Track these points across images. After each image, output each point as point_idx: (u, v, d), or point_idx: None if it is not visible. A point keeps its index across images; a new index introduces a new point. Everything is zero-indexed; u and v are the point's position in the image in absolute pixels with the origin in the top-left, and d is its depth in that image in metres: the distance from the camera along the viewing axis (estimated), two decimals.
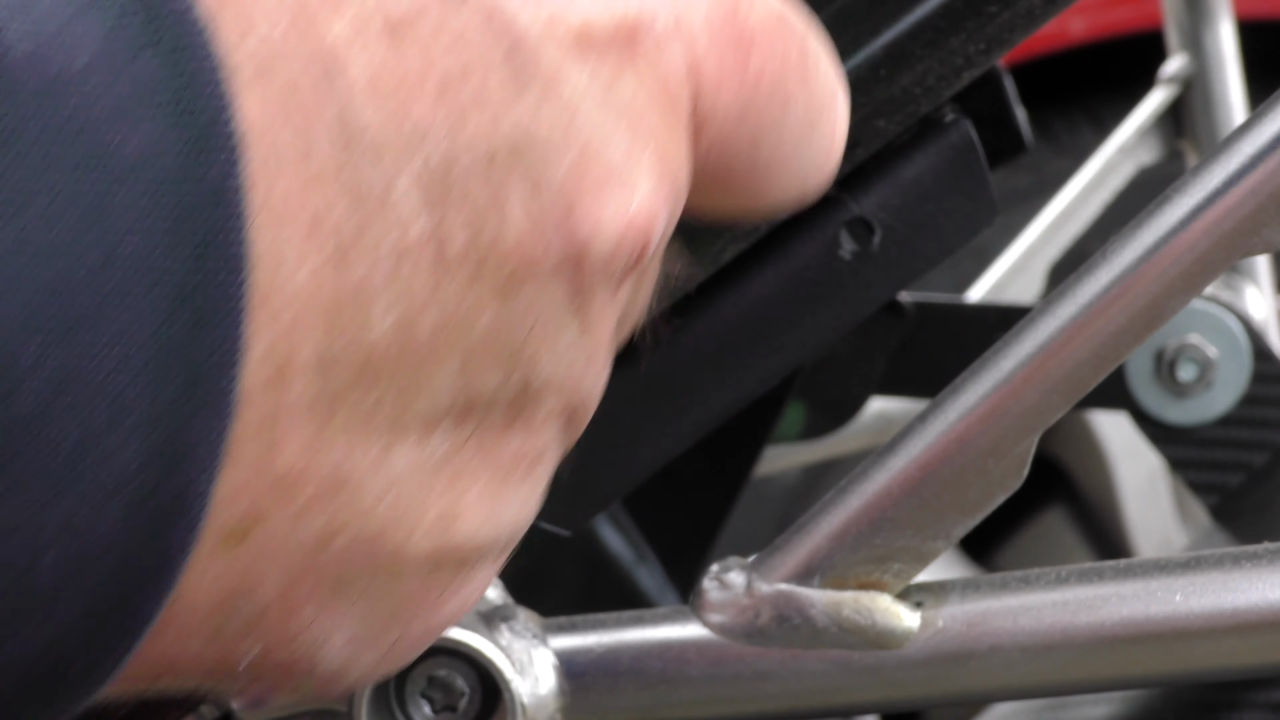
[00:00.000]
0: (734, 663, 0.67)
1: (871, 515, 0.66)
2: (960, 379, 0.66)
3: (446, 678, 0.67)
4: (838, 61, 0.67)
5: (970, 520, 0.66)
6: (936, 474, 0.65)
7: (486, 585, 0.46)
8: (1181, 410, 1.03)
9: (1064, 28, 2.16)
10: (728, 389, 0.71)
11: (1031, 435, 0.65)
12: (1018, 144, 0.91)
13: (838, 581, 0.66)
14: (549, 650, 0.67)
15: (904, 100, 0.67)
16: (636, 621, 0.68)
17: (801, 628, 0.66)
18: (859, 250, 0.71)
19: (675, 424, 0.72)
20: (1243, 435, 1.03)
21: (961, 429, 0.65)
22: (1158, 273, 0.64)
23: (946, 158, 0.70)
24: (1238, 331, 1.03)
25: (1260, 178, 0.63)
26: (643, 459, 0.72)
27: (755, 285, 0.71)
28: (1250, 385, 1.03)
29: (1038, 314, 0.65)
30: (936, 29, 0.67)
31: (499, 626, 0.67)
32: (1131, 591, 0.66)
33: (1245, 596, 0.65)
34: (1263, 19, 2.17)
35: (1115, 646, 0.66)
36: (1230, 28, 1.37)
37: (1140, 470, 2.12)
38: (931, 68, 0.67)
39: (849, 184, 0.70)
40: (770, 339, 0.71)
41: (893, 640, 0.66)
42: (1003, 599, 0.67)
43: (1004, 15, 0.67)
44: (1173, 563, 0.67)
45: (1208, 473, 1.03)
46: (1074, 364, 0.64)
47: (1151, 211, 0.64)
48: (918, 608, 0.67)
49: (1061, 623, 0.66)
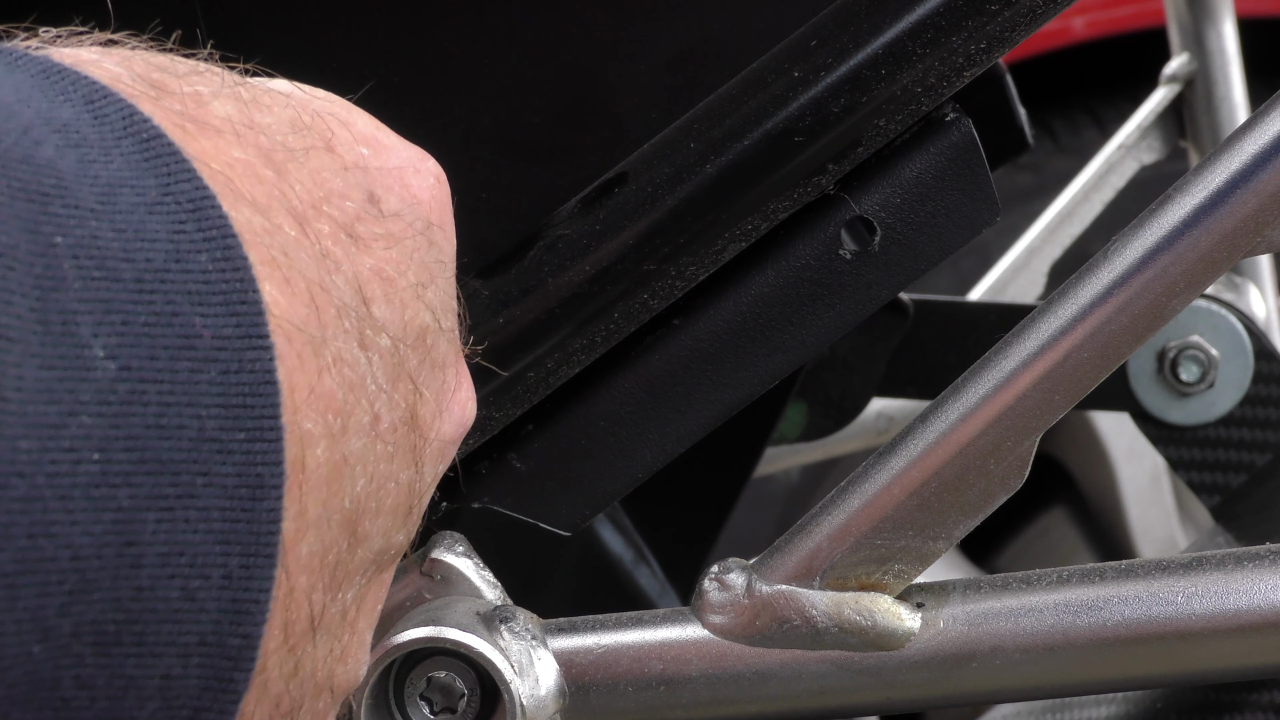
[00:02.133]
0: (734, 664, 0.67)
1: (872, 516, 0.66)
2: (961, 379, 0.66)
3: (446, 679, 0.66)
4: (840, 61, 0.67)
5: (971, 521, 0.66)
6: (937, 474, 0.65)
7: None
8: (1183, 410, 1.03)
9: (1066, 26, 2.16)
10: (728, 389, 0.71)
11: (1033, 435, 0.65)
12: (1020, 143, 0.91)
13: (838, 582, 0.66)
14: (549, 651, 0.67)
15: (905, 99, 0.67)
16: (636, 622, 0.68)
17: (802, 629, 0.66)
18: (860, 250, 0.70)
19: (676, 424, 0.72)
20: (1245, 435, 1.03)
21: (962, 429, 0.65)
22: (1159, 272, 0.64)
23: (948, 157, 0.70)
24: (1240, 332, 1.03)
25: (1262, 177, 0.63)
26: (643, 460, 0.72)
27: (755, 285, 0.71)
28: (1252, 385, 1.03)
29: (1039, 314, 0.65)
30: (937, 28, 0.67)
31: (499, 628, 0.67)
32: (1133, 592, 0.66)
33: (1247, 598, 0.65)
34: (1264, 17, 2.17)
35: (1117, 647, 0.66)
36: (1232, 27, 1.37)
37: (1142, 471, 2.12)
38: (932, 66, 0.67)
39: (850, 183, 0.70)
40: (771, 339, 0.71)
41: (894, 641, 0.66)
42: (1004, 600, 0.67)
43: (1005, 14, 0.67)
44: (1174, 564, 0.66)
45: (1209, 473, 1.03)
46: (1075, 364, 0.64)
47: (1153, 211, 0.64)
48: (919, 609, 0.67)
49: (1063, 624, 0.66)
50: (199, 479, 0.42)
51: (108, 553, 0.40)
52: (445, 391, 0.50)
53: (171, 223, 0.42)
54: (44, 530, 0.39)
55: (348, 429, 0.46)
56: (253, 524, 0.43)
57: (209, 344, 0.42)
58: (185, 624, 0.42)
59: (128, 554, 0.40)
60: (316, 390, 0.44)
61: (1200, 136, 1.36)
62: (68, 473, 0.39)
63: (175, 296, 0.42)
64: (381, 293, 0.48)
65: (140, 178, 0.42)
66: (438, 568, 0.67)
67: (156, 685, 0.42)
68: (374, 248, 0.48)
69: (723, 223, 0.68)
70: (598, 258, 0.67)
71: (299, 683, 0.47)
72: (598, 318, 0.68)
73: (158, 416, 0.41)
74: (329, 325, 0.45)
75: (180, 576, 0.41)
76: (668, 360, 0.71)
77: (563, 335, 0.68)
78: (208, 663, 0.43)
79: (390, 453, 0.48)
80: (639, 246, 0.67)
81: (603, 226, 0.67)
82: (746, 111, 0.67)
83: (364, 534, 0.48)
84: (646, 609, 0.69)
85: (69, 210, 0.41)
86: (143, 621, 0.41)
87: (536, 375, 0.68)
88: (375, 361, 0.47)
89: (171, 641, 0.42)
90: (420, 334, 0.49)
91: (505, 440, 0.71)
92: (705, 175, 0.67)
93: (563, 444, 0.72)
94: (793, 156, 0.67)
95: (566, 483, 0.72)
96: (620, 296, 0.68)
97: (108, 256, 0.41)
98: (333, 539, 0.46)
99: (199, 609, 0.42)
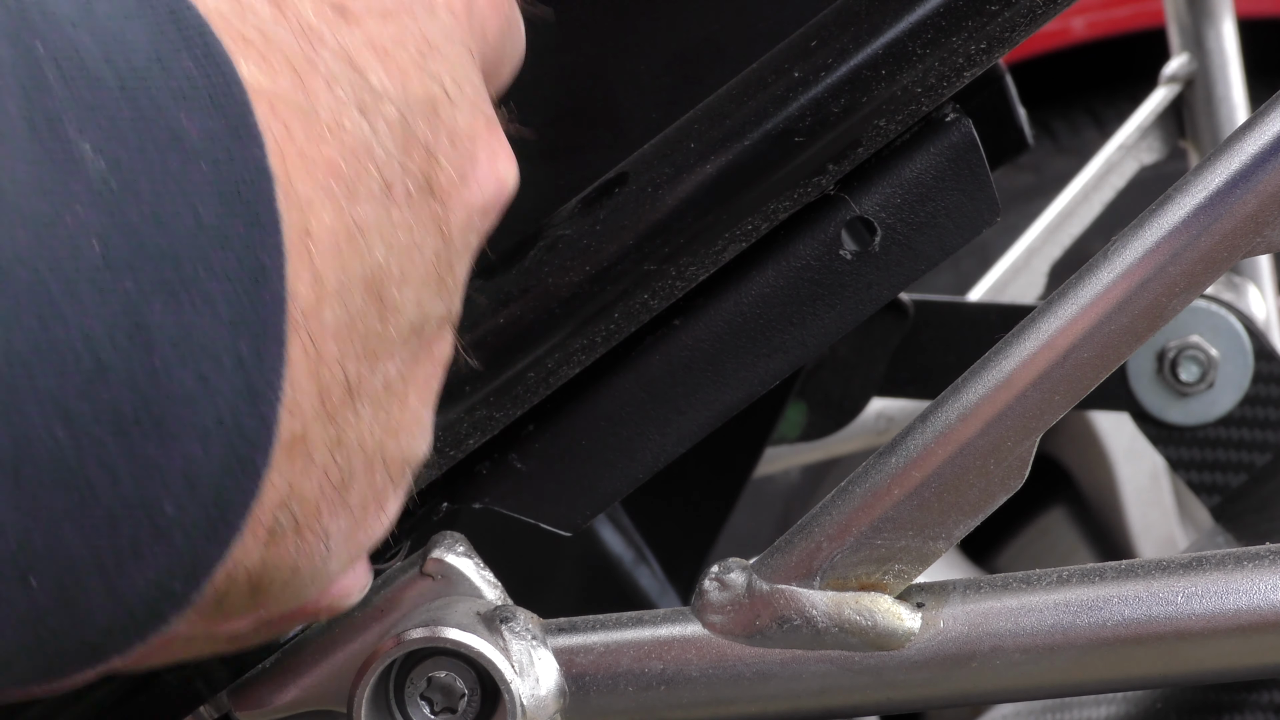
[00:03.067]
0: (734, 664, 0.67)
1: (872, 516, 0.66)
2: (961, 379, 0.66)
3: (446, 679, 0.66)
4: (841, 61, 0.67)
5: (971, 521, 0.66)
6: (937, 474, 0.65)
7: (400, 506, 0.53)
8: (1183, 410, 1.03)
9: (1066, 26, 2.16)
10: (728, 389, 0.71)
11: (1033, 435, 0.65)
12: (1020, 143, 0.91)
13: (838, 582, 0.66)
14: (549, 651, 0.67)
15: (905, 99, 0.67)
16: (636, 622, 0.68)
17: (802, 628, 0.66)
18: (860, 250, 0.70)
19: (676, 425, 0.72)
20: (1244, 435, 1.03)
21: (962, 429, 0.65)
22: (1159, 272, 0.64)
23: (948, 157, 0.70)
24: (1240, 332, 1.03)
25: (1262, 177, 0.63)
26: (643, 460, 0.72)
27: (755, 285, 0.71)
28: (1252, 385, 1.03)
29: (1039, 314, 0.65)
30: (937, 28, 0.67)
31: (499, 628, 0.67)
32: (1133, 592, 0.66)
33: (1247, 598, 0.65)
34: (1265, 17, 2.17)
35: (1117, 647, 0.66)
36: (1232, 26, 1.37)
37: (1142, 471, 2.12)
38: (932, 67, 0.67)
39: (850, 184, 0.70)
40: (771, 339, 0.71)
41: (894, 641, 0.66)
42: (1004, 600, 0.67)
43: (1005, 14, 0.67)
44: (1174, 564, 0.66)
45: (1209, 473, 1.03)
46: (1075, 364, 0.64)
47: (1153, 211, 0.64)
48: (919, 608, 0.67)
49: (1063, 624, 0.66)
50: (200, 266, 0.43)
51: (119, 335, 0.41)
52: (469, 161, 0.51)
53: (151, 28, 0.43)
54: (53, 314, 0.40)
55: (356, 195, 0.47)
56: (258, 309, 0.44)
57: (197, 140, 0.43)
58: (201, 407, 0.43)
59: (139, 338, 0.42)
60: (312, 157, 0.45)
61: (1200, 136, 1.36)
62: (69, 261, 0.41)
63: (159, 97, 0.43)
64: (378, 63, 0.48)
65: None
66: (438, 568, 0.67)
67: (179, 468, 0.43)
68: (365, 21, 0.48)
69: (723, 223, 0.68)
70: (598, 258, 0.67)
71: (345, 453, 0.48)
72: (598, 318, 0.68)
73: (153, 207, 0.42)
74: (318, 95, 0.46)
75: (192, 361, 0.43)
76: (668, 360, 0.71)
77: (563, 335, 0.68)
78: (226, 445, 0.44)
79: (409, 222, 0.49)
80: (639, 246, 0.67)
81: (603, 226, 0.67)
82: (746, 111, 0.67)
83: (394, 304, 0.48)
84: (646, 609, 0.69)
85: (47, 20, 0.41)
86: (160, 405, 0.42)
87: (536, 375, 0.68)
88: (381, 129, 0.48)
89: (189, 424, 0.43)
90: (429, 103, 0.50)
91: (505, 440, 0.71)
92: (705, 175, 0.67)
93: (563, 444, 0.72)
94: (793, 156, 0.67)
95: (567, 483, 0.72)
96: (620, 296, 0.68)
97: (89, 62, 0.42)
98: (359, 308, 0.47)
99: (213, 392, 0.43)
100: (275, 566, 0.48)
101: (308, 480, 0.47)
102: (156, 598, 0.45)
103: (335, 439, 0.48)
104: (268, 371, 0.45)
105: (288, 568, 0.48)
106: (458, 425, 0.68)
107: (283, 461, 0.46)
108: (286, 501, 0.47)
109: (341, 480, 0.48)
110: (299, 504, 0.47)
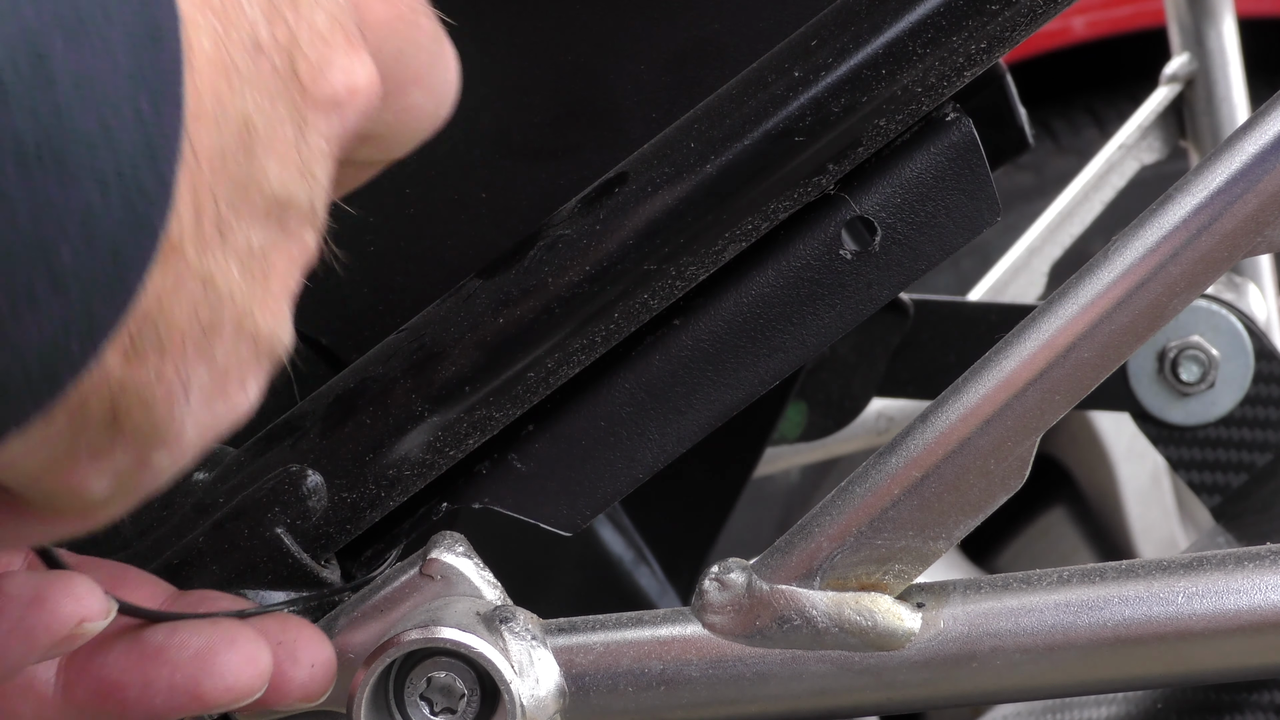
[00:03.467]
0: (734, 664, 0.67)
1: (872, 516, 0.66)
2: (961, 379, 0.66)
3: (446, 679, 0.66)
4: (840, 61, 0.67)
5: (972, 521, 0.66)
6: (938, 474, 0.65)
7: (259, 391, 0.52)
8: (1183, 410, 1.03)
9: (1066, 26, 2.16)
10: (729, 389, 0.71)
11: (1033, 435, 0.65)
12: (1020, 143, 0.91)
13: (839, 582, 0.66)
14: (549, 651, 0.67)
15: (905, 99, 0.67)
16: (636, 622, 0.68)
17: (802, 628, 0.66)
18: (860, 250, 0.70)
19: (676, 425, 0.72)
20: (1245, 435, 1.03)
21: (962, 429, 0.65)
22: (1160, 272, 0.64)
23: (948, 157, 0.70)
24: (1240, 331, 1.03)
25: (1262, 177, 0.63)
26: (643, 460, 0.72)
27: (756, 285, 0.71)
28: (1252, 385, 1.03)
29: (1039, 314, 0.65)
30: (937, 28, 0.67)
31: (498, 628, 0.67)
32: (1133, 593, 0.66)
33: (1247, 598, 0.65)
34: (1265, 17, 2.17)
35: (1117, 647, 0.66)
36: (1232, 26, 1.37)
37: (1142, 471, 2.12)
38: (933, 66, 0.67)
39: (850, 183, 0.70)
40: (771, 339, 0.71)
41: (894, 641, 0.66)
42: (1004, 600, 0.67)
43: (1005, 14, 0.67)
44: (1175, 564, 0.66)
45: (1210, 473, 1.03)
46: (1076, 364, 0.64)
47: (1153, 211, 0.64)
48: (919, 609, 0.67)
49: (1063, 624, 0.66)
50: (99, 10, 0.44)
51: (20, 60, 0.42)
52: (326, 59, 0.51)
53: None
54: None
55: (229, 35, 0.48)
56: (157, 66, 0.45)
57: None
58: (101, 155, 0.44)
59: (40, 69, 0.42)
60: None
61: (1200, 136, 1.36)
62: None
63: None
64: None
65: None
66: (438, 568, 0.67)
67: (78, 213, 0.44)
68: None
69: (723, 223, 0.68)
70: (598, 258, 0.67)
71: (215, 296, 0.48)
72: (598, 318, 0.68)
73: None
74: None
75: (94, 105, 0.43)
76: (668, 360, 0.71)
77: (563, 335, 0.68)
78: (124, 199, 0.44)
79: (273, 91, 0.49)
80: (639, 246, 0.67)
81: (603, 226, 0.67)
82: (746, 111, 0.67)
83: (259, 165, 0.49)
84: (646, 609, 0.69)
85: None
86: (61, 142, 0.43)
87: (536, 375, 0.68)
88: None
89: (89, 169, 0.44)
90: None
91: (505, 440, 0.71)
92: (705, 175, 0.67)
93: (563, 444, 0.72)
94: (793, 156, 0.67)
95: (567, 483, 0.72)
96: (620, 296, 0.68)
97: None
98: (231, 146, 0.48)
99: (113, 141, 0.44)
100: (134, 390, 0.48)
101: (178, 303, 0.47)
102: (53, 357, 0.45)
103: (207, 274, 0.48)
104: (167, 130, 0.45)
105: (146, 396, 0.48)
106: (458, 425, 0.68)
107: (158, 272, 0.46)
108: (154, 318, 0.47)
109: (210, 324, 0.49)
110: (166, 325, 0.47)
